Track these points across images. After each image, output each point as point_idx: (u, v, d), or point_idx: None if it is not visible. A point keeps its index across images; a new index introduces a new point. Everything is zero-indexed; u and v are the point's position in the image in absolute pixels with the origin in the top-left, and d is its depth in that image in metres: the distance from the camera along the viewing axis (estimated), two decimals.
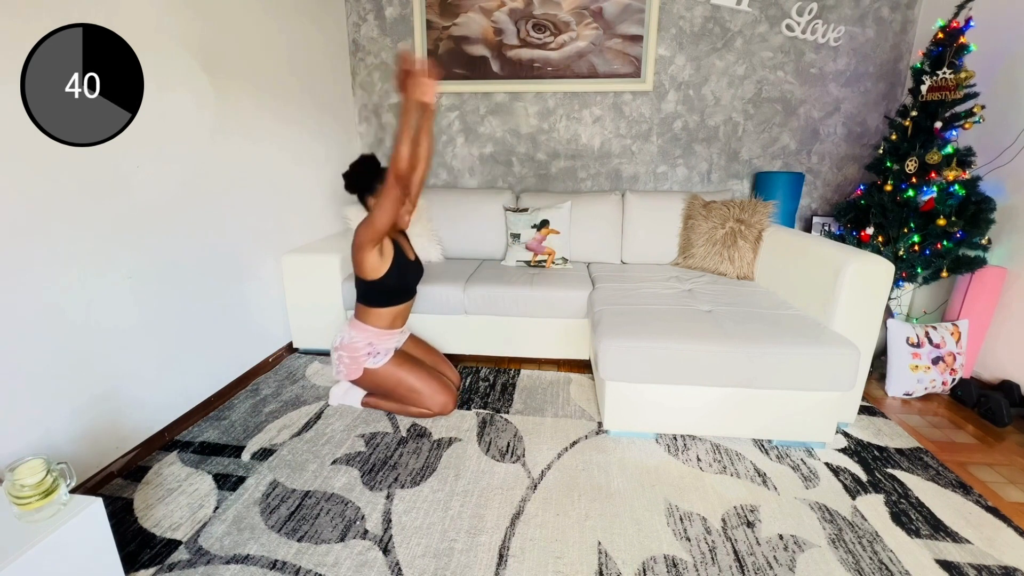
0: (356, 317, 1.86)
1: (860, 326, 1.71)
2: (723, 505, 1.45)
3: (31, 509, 0.97)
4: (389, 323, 1.87)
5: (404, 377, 1.84)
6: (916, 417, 1.96)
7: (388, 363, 1.83)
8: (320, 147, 2.72)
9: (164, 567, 1.23)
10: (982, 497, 1.50)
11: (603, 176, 3.06)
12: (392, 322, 1.88)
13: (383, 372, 1.82)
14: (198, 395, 1.90)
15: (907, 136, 2.19)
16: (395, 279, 1.78)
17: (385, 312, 1.84)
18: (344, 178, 1.80)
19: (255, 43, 2.15)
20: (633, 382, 1.70)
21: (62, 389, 1.40)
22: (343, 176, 1.81)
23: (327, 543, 1.30)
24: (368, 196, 1.78)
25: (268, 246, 2.28)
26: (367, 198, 1.79)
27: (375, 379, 1.84)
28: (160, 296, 1.71)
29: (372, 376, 1.83)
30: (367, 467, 1.61)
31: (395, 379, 1.83)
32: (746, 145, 2.92)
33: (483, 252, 2.80)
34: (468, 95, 3.02)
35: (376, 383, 1.85)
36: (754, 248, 2.34)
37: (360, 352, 1.81)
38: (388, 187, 1.58)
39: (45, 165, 1.32)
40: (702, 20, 2.75)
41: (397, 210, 1.62)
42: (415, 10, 2.89)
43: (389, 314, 1.85)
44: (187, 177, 1.80)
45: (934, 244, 2.10)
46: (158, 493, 1.49)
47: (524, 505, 1.44)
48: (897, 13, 2.67)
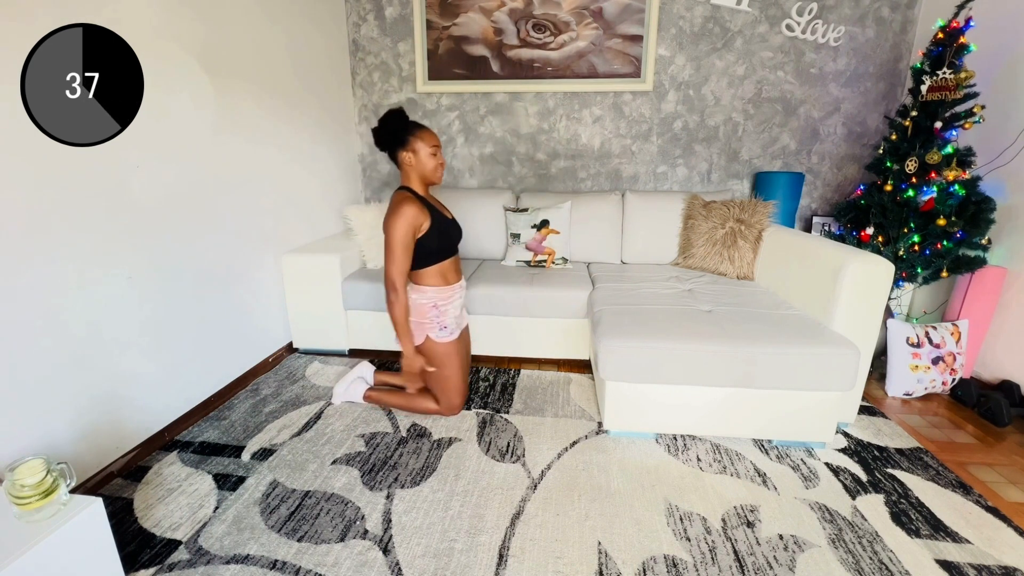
0: (412, 283, 1.83)
1: (860, 326, 1.71)
2: (723, 505, 1.45)
3: (31, 509, 0.97)
4: (442, 278, 1.83)
5: (452, 361, 1.84)
6: (916, 417, 1.96)
7: (454, 341, 1.84)
8: (320, 147, 2.72)
9: (164, 567, 1.23)
10: (982, 497, 1.50)
11: (603, 176, 3.06)
12: (445, 277, 1.84)
13: (443, 348, 1.82)
14: (198, 395, 1.90)
15: (907, 136, 2.19)
16: (436, 240, 1.76)
17: (433, 269, 1.80)
18: (374, 134, 1.77)
19: (255, 43, 2.15)
20: (633, 382, 1.70)
21: (62, 389, 1.40)
22: (372, 132, 1.77)
23: (327, 543, 1.30)
24: (399, 150, 1.74)
25: (268, 246, 2.28)
26: (398, 152, 1.75)
27: (430, 351, 1.82)
28: (160, 296, 1.71)
29: (429, 348, 1.82)
30: (367, 467, 1.61)
31: (446, 359, 1.83)
32: (746, 145, 2.92)
33: (483, 252, 2.80)
34: (468, 95, 3.02)
35: (427, 356, 1.83)
36: (754, 248, 2.34)
37: (427, 316, 1.79)
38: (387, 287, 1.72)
39: (45, 165, 1.32)
40: (702, 20, 2.75)
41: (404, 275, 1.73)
42: (415, 10, 2.89)
43: (438, 270, 1.81)
44: (187, 177, 1.80)
45: (934, 244, 2.10)
46: (158, 493, 1.49)
47: (524, 505, 1.44)
48: (897, 13, 2.67)
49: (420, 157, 1.74)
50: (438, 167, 1.78)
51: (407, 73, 3.03)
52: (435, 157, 1.76)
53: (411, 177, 1.77)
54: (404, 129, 1.73)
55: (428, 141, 1.74)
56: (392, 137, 1.73)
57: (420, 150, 1.73)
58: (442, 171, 1.81)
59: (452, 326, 1.84)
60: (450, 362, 1.84)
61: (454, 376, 1.86)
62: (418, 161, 1.74)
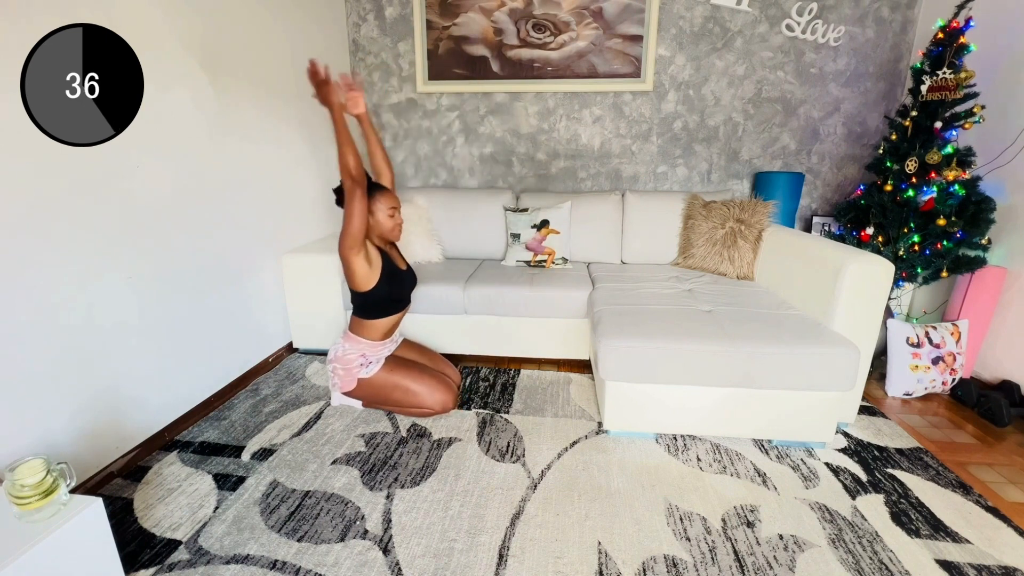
0: (350, 330, 1.87)
1: (860, 326, 1.71)
2: (723, 505, 1.45)
3: (31, 509, 0.97)
4: (383, 335, 1.90)
5: (399, 381, 1.85)
6: (916, 417, 1.96)
7: (380, 370, 1.85)
8: (320, 147, 2.72)
9: (164, 567, 1.23)
10: (982, 497, 1.50)
11: (603, 176, 3.06)
12: (386, 334, 1.91)
13: (377, 380, 1.84)
14: (198, 395, 1.90)
15: (907, 136, 2.19)
16: (385, 289, 1.80)
17: (380, 323, 1.86)
18: (335, 194, 1.82)
19: (255, 43, 2.15)
20: (633, 382, 1.70)
21: (62, 389, 1.40)
22: (334, 192, 1.82)
23: (327, 543, 1.30)
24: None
25: (268, 246, 2.28)
26: None
27: (371, 387, 1.85)
28: (160, 296, 1.71)
29: (368, 385, 1.84)
30: (367, 467, 1.61)
31: (390, 384, 1.84)
32: (746, 145, 2.92)
33: (483, 252, 2.80)
34: (468, 95, 3.02)
35: (372, 391, 1.86)
36: (754, 248, 2.34)
37: (353, 364, 1.84)
38: (347, 191, 1.63)
39: (45, 165, 1.32)
40: (702, 20, 2.75)
41: (363, 211, 1.65)
42: (415, 10, 2.89)
43: (383, 325, 1.87)
44: (187, 177, 1.80)
45: (934, 244, 2.10)
46: (158, 493, 1.49)
47: (524, 505, 1.44)
48: (897, 13, 2.67)
49: (376, 216, 1.80)
50: (395, 227, 1.85)
51: (407, 73, 3.03)
52: (392, 218, 1.82)
53: (371, 236, 1.81)
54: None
55: (386, 203, 1.81)
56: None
57: (377, 211, 1.80)
58: (399, 231, 1.87)
59: (376, 358, 1.87)
60: (398, 378, 1.85)
61: (413, 384, 1.85)
62: (375, 222, 1.80)
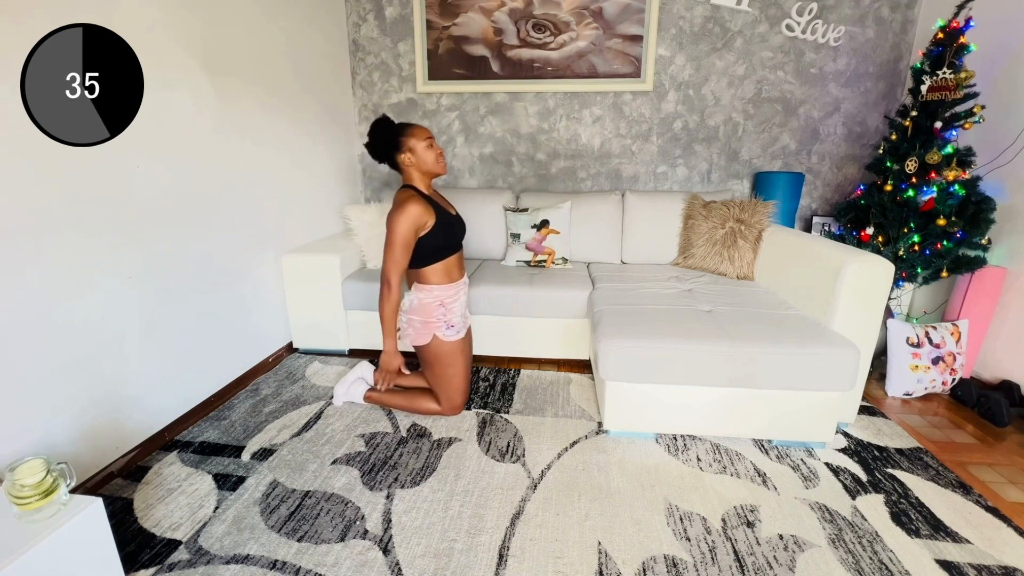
0: (417, 282, 1.82)
1: (860, 326, 1.71)
2: (723, 505, 1.45)
3: (31, 509, 0.96)
4: (447, 275, 1.82)
5: (456, 360, 1.84)
6: (916, 417, 1.96)
7: (460, 340, 1.84)
8: (320, 147, 2.72)
9: (164, 567, 1.23)
10: (982, 497, 1.50)
11: (603, 176, 3.06)
12: (450, 274, 1.83)
13: (449, 346, 1.81)
14: (198, 395, 1.90)
15: (907, 136, 2.19)
16: (441, 236, 1.76)
17: (439, 266, 1.80)
18: (368, 148, 1.77)
19: (255, 43, 2.15)
20: (633, 382, 1.70)
21: (62, 389, 1.40)
22: (366, 147, 1.77)
23: (327, 543, 1.30)
24: (396, 154, 1.74)
25: (268, 246, 2.28)
26: (395, 156, 1.75)
27: (436, 350, 1.81)
28: (160, 296, 1.71)
29: (436, 347, 1.81)
30: (367, 467, 1.61)
31: (451, 358, 1.83)
32: (746, 145, 2.92)
33: (483, 252, 2.80)
34: (468, 95, 3.02)
35: (430, 355, 1.83)
36: (754, 248, 2.34)
37: (433, 315, 1.78)
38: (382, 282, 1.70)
39: (45, 165, 1.32)
40: (702, 20, 2.75)
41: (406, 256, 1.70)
42: (415, 10, 2.89)
43: (443, 267, 1.81)
44: (187, 177, 1.80)
45: (934, 244, 2.10)
46: (158, 493, 1.49)
47: (524, 505, 1.44)
48: (897, 13, 2.67)
49: (418, 153, 1.73)
50: (438, 157, 1.77)
51: (407, 73, 3.03)
52: (432, 148, 1.75)
53: (413, 176, 1.76)
54: (395, 133, 1.73)
55: (421, 136, 1.74)
56: (387, 144, 1.73)
57: (416, 147, 1.73)
58: (443, 160, 1.80)
59: (459, 324, 1.85)
60: (455, 361, 1.84)
61: (457, 376, 1.86)
62: (418, 158, 1.73)
